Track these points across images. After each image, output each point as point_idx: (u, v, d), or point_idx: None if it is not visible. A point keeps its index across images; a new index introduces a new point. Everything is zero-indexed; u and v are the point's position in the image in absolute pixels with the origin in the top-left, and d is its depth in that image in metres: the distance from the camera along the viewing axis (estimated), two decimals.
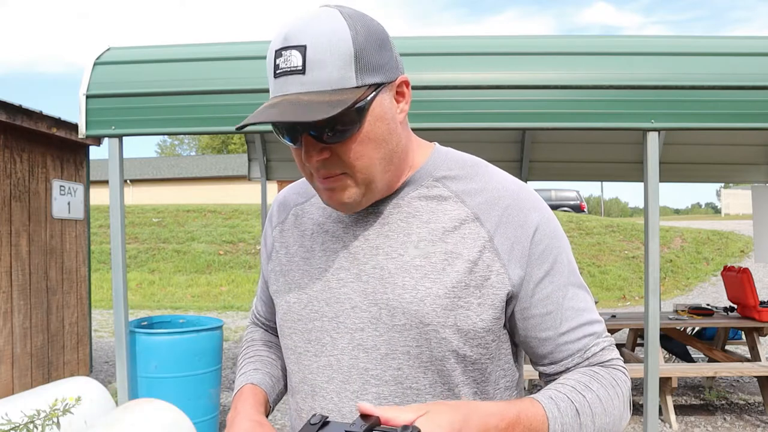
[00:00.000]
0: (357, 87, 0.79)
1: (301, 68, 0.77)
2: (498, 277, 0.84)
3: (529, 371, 4.12)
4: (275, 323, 1.11)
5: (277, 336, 1.13)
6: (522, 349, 0.94)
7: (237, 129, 0.86)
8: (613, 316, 5.00)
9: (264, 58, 3.19)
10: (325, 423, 0.71)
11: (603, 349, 0.89)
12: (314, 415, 0.72)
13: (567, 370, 0.89)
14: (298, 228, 0.99)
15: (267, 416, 0.97)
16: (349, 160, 0.82)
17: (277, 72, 0.79)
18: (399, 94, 0.87)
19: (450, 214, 0.88)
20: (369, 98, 0.81)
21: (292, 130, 0.81)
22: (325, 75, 0.77)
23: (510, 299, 0.86)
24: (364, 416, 0.70)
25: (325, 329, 0.90)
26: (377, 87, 0.82)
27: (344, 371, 0.88)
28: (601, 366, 0.89)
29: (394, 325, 0.85)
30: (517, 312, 0.87)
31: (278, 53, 0.79)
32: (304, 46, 0.77)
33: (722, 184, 29.83)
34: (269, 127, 3.13)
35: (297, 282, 0.94)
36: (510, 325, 0.90)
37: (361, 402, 0.70)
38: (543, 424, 0.79)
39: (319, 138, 0.80)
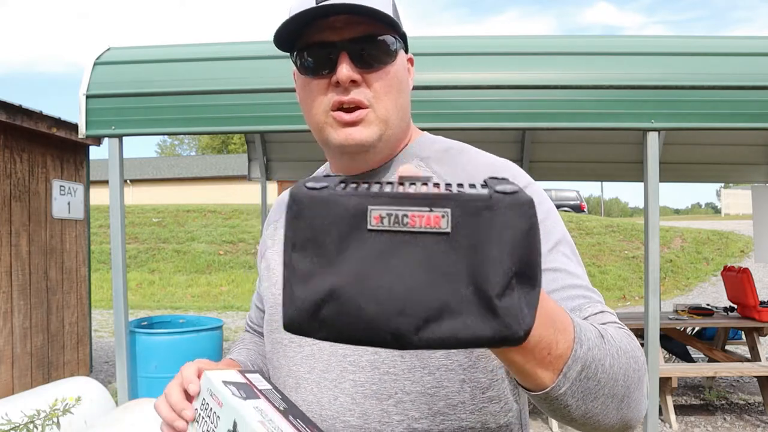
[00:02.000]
0: (398, 23, 0.83)
1: None
2: None
3: None
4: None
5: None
6: None
7: (277, 41, 0.83)
8: None
9: (264, 57, 3.21)
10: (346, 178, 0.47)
11: (600, 311, 0.74)
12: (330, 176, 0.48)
13: None
14: None
15: None
16: (377, 91, 0.82)
17: None
18: (407, 69, 0.91)
19: None
20: (400, 42, 0.85)
21: (330, 51, 0.81)
22: (372, 1, 0.79)
23: None
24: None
25: None
26: (405, 41, 0.87)
27: (324, 359, 0.87)
28: (604, 325, 0.72)
29: None
30: None
31: None
32: None
33: (722, 184, 29.84)
34: (269, 127, 3.13)
35: None
36: None
37: (405, 165, 0.48)
38: (567, 323, 0.57)
39: (359, 59, 0.81)
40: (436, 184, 0.44)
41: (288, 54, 0.86)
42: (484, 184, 0.44)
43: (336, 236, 0.40)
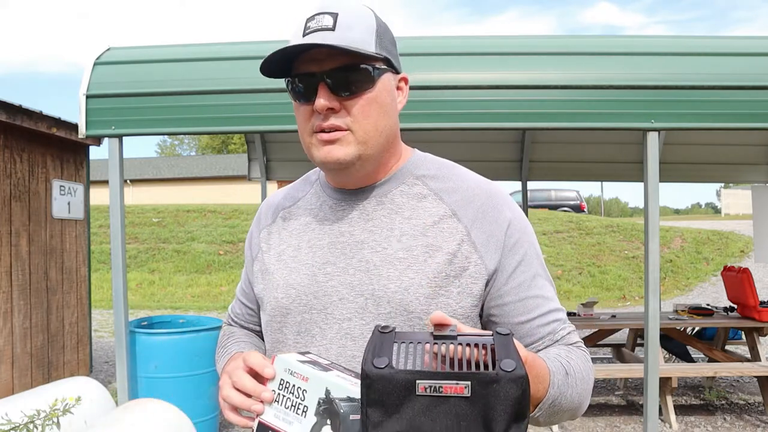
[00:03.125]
0: (376, 53, 0.91)
1: (331, 27, 0.88)
2: (476, 268, 0.92)
3: None
4: (254, 324, 1.15)
5: (255, 334, 1.17)
6: None
7: (263, 69, 0.93)
8: (613, 316, 5.00)
9: (263, 57, 3.20)
10: (395, 330, 0.72)
11: (569, 333, 0.97)
12: (384, 326, 0.72)
13: (537, 352, 0.94)
14: (285, 229, 1.04)
15: None
16: (355, 115, 0.91)
17: (307, 31, 0.89)
18: (399, 89, 0.99)
19: (429, 210, 0.95)
20: (383, 67, 0.93)
21: (310, 81, 0.90)
22: (351, 35, 0.88)
23: (486, 287, 0.93)
24: (438, 326, 0.72)
25: (314, 321, 0.95)
26: (389, 64, 0.95)
27: (332, 360, 0.91)
28: (570, 346, 0.97)
29: (380, 314, 0.91)
30: (493, 299, 0.94)
31: (310, 18, 0.90)
32: (336, 13, 0.89)
33: (722, 184, 29.84)
34: (269, 127, 3.13)
35: (285, 279, 0.99)
36: (486, 312, 0.96)
37: (435, 312, 0.73)
38: (547, 374, 0.84)
39: (336, 87, 0.90)
40: (462, 343, 0.68)
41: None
42: (492, 340, 0.69)
43: (396, 398, 0.64)
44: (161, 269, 13.50)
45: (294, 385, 0.79)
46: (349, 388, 0.75)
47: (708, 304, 5.37)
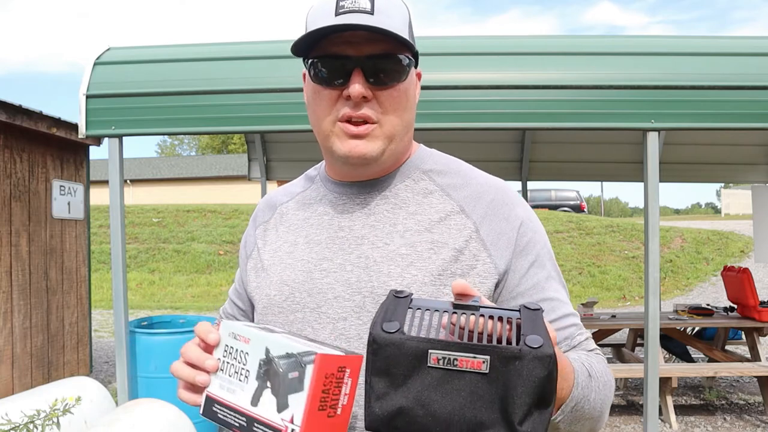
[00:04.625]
0: (412, 43, 0.86)
1: (369, 10, 0.81)
2: (484, 267, 0.86)
3: None
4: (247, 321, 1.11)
5: None
6: None
7: (293, 48, 0.85)
8: (613, 316, 5.00)
9: (265, 58, 3.20)
10: (412, 296, 0.65)
11: (586, 339, 0.91)
12: (400, 290, 0.66)
13: None
14: (283, 224, 0.99)
15: None
16: (386, 108, 0.86)
17: (341, 10, 0.82)
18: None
19: (436, 207, 0.90)
20: (412, 59, 0.89)
21: (343, 65, 0.83)
22: (390, 22, 0.82)
23: (496, 288, 0.87)
24: (460, 296, 0.66)
25: (307, 320, 0.89)
26: (416, 58, 0.91)
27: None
28: (588, 352, 0.90)
29: None
30: (504, 302, 0.88)
31: None
32: None
33: (722, 184, 29.84)
34: (269, 127, 3.13)
35: (279, 275, 0.93)
36: None
37: (458, 280, 0.67)
38: (571, 372, 0.76)
39: (371, 75, 0.84)
40: (483, 315, 0.61)
41: (292, 55, 0.87)
42: (519, 314, 0.62)
43: (404, 369, 0.58)
44: (161, 269, 13.50)
45: (237, 350, 0.73)
46: (289, 343, 0.68)
47: (708, 304, 5.37)
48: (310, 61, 0.86)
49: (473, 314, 0.61)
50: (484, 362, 0.56)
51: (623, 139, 5.41)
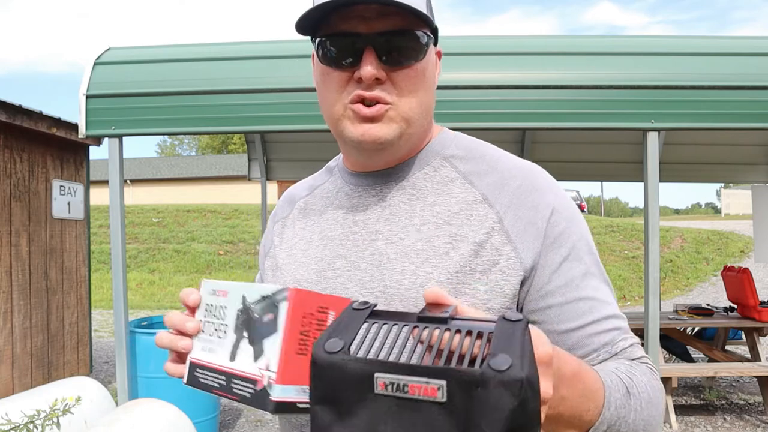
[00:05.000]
0: (430, 19, 0.78)
1: None
2: (508, 262, 0.76)
3: None
4: None
5: None
6: None
7: (297, 25, 0.77)
8: None
9: (265, 58, 3.21)
10: (374, 311, 0.55)
11: (632, 345, 0.78)
12: (356, 301, 0.57)
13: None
14: (300, 220, 0.94)
15: None
16: (402, 89, 0.78)
17: None
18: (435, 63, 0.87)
19: (457, 196, 0.81)
20: (431, 36, 0.80)
21: (354, 43, 0.76)
22: None
23: (522, 286, 0.77)
24: (433, 306, 0.55)
25: None
26: (435, 35, 0.82)
27: None
28: (635, 361, 0.78)
29: None
30: (531, 302, 0.77)
31: None
32: None
33: (722, 184, 29.84)
34: (269, 127, 3.13)
35: (293, 274, 0.88)
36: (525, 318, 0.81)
37: (430, 286, 0.57)
38: (599, 390, 0.66)
39: (385, 54, 0.76)
40: (450, 329, 0.50)
41: (292, 55, 0.84)
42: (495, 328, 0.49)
43: (349, 396, 0.48)
44: (161, 269, 13.50)
45: (217, 306, 0.66)
46: (265, 286, 0.61)
47: (708, 304, 5.37)
48: (317, 40, 0.79)
49: (438, 328, 0.50)
50: (439, 389, 0.45)
51: (623, 139, 5.41)
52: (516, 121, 3.06)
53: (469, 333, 0.50)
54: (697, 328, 5.24)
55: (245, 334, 0.62)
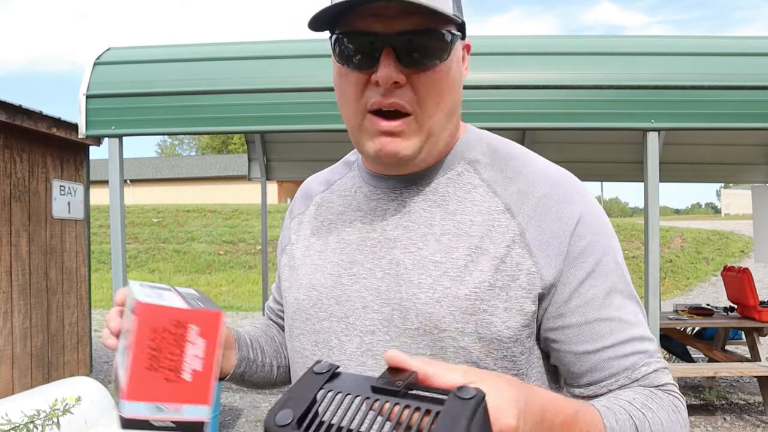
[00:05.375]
0: (455, 16, 0.72)
1: None
2: (528, 278, 0.72)
3: None
4: (284, 320, 1.04)
5: (282, 330, 1.05)
6: (558, 368, 0.80)
7: (311, 23, 0.72)
8: None
9: (265, 58, 3.21)
10: (335, 374, 0.55)
11: (656, 371, 0.74)
12: (318, 362, 0.56)
13: (609, 392, 0.73)
14: (317, 219, 0.90)
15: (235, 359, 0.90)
16: (423, 95, 0.72)
17: None
18: (463, 58, 0.81)
19: (479, 205, 0.77)
20: (457, 33, 0.75)
21: (374, 44, 0.70)
22: None
23: (541, 303, 0.73)
24: (394, 370, 0.54)
25: (334, 331, 0.80)
26: (461, 30, 0.76)
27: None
28: (657, 389, 0.74)
29: (406, 329, 0.74)
30: (549, 320, 0.74)
31: None
32: None
33: (722, 184, 29.85)
34: (269, 127, 3.13)
35: (308, 278, 0.85)
36: (544, 336, 0.76)
37: (391, 350, 0.55)
38: None
39: (405, 55, 0.70)
40: (401, 404, 0.49)
41: (292, 55, 0.82)
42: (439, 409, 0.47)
43: None
44: (161, 269, 13.50)
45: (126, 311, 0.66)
46: (137, 293, 0.60)
47: (708, 304, 5.37)
48: (333, 37, 0.74)
49: (388, 401, 0.50)
50: None
51: (623, 139, 5.41)
52: (516, 121, 3.06)
53: (416, 409, 0.49)
54: (697, 328, 5.24)
55: (125, 344, 0.61)
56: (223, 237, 15.01)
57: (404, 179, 0.82)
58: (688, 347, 5.27)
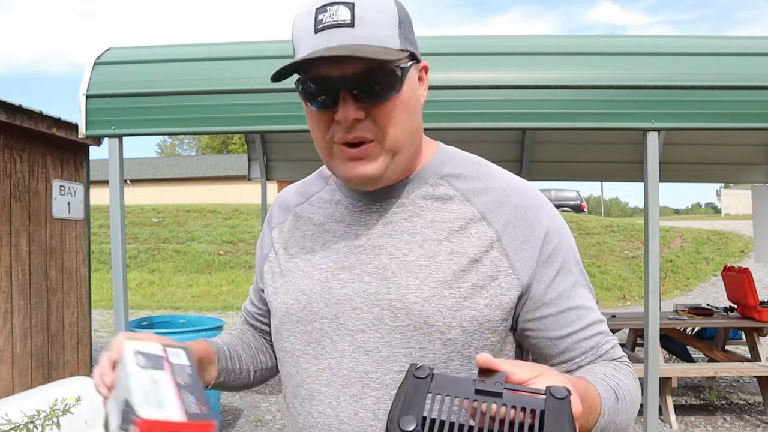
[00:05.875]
0: (400, 50, 0.80)
1: (350, 22, 0.76)
2: (506, 278, 0.83)
3: None
4: (264, 325, 1.09)
5: (260, 335, 1.11)
6: (529, 351, 0.92)
7: (273, 78, 0.81)
8: (613, 316, 5.00)
9: (265, 57, 3.20)
10: (433, 375, 0.61)
11: (613, 346, 0.90)
12: (419, 367, 0.62)
13: (579, 368, 0.87)
14: (299, 229, 0.96)
15: (213, 369, 0.97)
16: (383, 124, 0.80)
17: (320, 26, 0.77)
18: (420, 79, 0.88)
19: (455, 213, 0.86)
20: (408, 64, 0.82)
21: (331, 87, 0.78)
22: (373, 31, 0.77)
23: (519, 300, 0.84)
24: (484, 371, 0.61)
25: (325, 331, 0.87)
26: (412, 57, 0.84)
27: (344, 374, 0.85)
28: (615, 361, 0.89)
29: (397, 326, 0.82)
30: (528, 312, 0.85)
31: (321, 9, 0.77)
32: (352, 4, 0.76)
33: (722, 184, 29.84)
34: (269, 127, 3.13)
35: (296, 283, 0.91)
36: (521, 327, 0.87)
37: (482, 353, 0.63)
38: (598, 404, 0.77)
39: (361, 95, 0.78)
40: (506, 404, 0.58)
41: (292, 55, 0.84)
42: (544, 403, 0.58)
43: None
44: (161, 269, 13.50)
45: (122, 376, 0.71)
46: (134, 390, 0.65)
47: (708, 304, 5.37)
48: (297, 81, 0.83)
49: (495, 403, 0.58)
50: None
51: (623, 139, 5.40)
52: (516, 121, 3.06)
53: (522, 409, 0.58)
54: (697, 328, 5.24)
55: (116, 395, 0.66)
56: (223, 237, 15.01)
57: (382, 193, 0.89)
58: (688, 347, 5.27)
